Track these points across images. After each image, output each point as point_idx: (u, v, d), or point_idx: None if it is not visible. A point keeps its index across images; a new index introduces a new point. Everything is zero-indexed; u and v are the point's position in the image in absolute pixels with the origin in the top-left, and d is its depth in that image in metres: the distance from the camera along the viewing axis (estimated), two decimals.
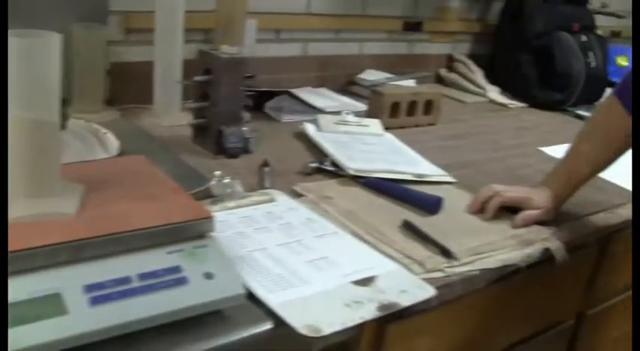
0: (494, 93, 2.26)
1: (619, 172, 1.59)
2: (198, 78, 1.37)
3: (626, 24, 3.03)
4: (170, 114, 1.53)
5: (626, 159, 1.62)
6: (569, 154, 1.34)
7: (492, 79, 2.35)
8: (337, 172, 1.33)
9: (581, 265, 1.42)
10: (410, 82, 2.01)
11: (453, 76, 2.32)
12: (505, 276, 1.15)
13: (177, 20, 1.49)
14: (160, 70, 1.51)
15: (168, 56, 1.50)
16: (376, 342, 1.00)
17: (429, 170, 1.42)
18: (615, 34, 3.16)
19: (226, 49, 1.37)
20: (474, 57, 2.41)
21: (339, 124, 1.57)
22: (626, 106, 1.26)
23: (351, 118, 1.61)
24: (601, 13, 2.82)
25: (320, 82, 1.99)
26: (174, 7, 1.48)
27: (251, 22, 1.73)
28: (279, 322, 0.83)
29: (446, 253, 1.06)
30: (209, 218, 0.82)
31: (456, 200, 1.29)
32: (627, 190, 1.56)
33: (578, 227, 1.33)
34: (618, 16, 2.87)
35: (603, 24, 2.90)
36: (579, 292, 1.49)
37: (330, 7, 1.95)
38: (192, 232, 0.81)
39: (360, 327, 0.93)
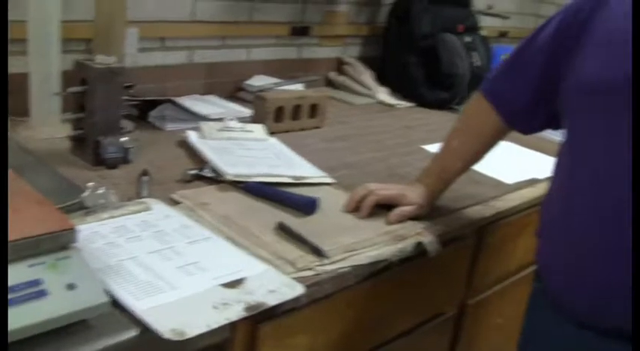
0: (383, 94, 2.32)
1: (496, 166, 1.67)
2: (72, 89, 1.36)
3: (513, 24, 3.16)
4: (48, 126, 1.51)
5: (505, 153, 1.70)
6: (442, 151, 1.40)
7: (382, 80, 2.41)
8: (216, 179, 1.34)
9: (459, 257, 1.48)
10: (299, 87, 2.04)
11: (342, 79, 2.37)
12: (379, 271, 1.19)
13: (52, 30, 1.47)
14: (37, 82, 1.49)
15: (44, 67, 1.48)
16: (249, 342, 1.02)
17: (308, 172, 1.45)
18: (502, 34, 3.28)
19: (102, 59, 1.37)
20: (363, 59, 2.47)
21: (222, 130, 1.58)
22: (491, 101, 1.32)
23: (234, 124, 1.62)
24: (487, 14, 2.94)
25: (208, 90, 1.99)
26: (48, 16, 1.46)
27: (132, 31, 1.72)
28: (146, 328, 0.84)
29: (317, 251, 1.09)
30: (70, 230, 0.82)
31: (334, 200, 1.33)
32: (504, 183, 1.63)
33: (452, 220, 1.38)
34: (503, 17, 2.99)
35: (490, 25, 3.02)
36: (459, 283, 1.55)
37: (215, 13, 1.96)
38: (53, 244, 0.81)
39: (232, 328, 0.95)
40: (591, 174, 1.10)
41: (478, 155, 1.39)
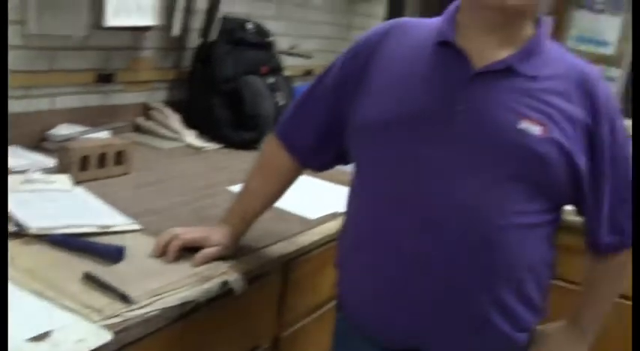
0: (190, 137, 2.38)
1: (301, 202, 1.79)
2: None
3: (317, 62, 3.34)
4: None
5: (309, 188, 1.82)
6: (242, 192, 1.49)
7: (189, 123, 2.46)
8: (21, 233, 1.34)
9: (266, 293, 1.57)
10: (105, 134, 2.05)
11: (150, 124, 2.40)
12: (188, 312, 1.25)
13: None
14: None
15: None
16: None
17: (115, 220, 1.48)
18: (308, 73, 3.44)
19: None
20: (170, 103, 2.51)
21: (25, 183, 1.57)
22: (283, 142, 1.43)
23: (37, 175, 1.62)
24: (290, 54, 3.09)
25: (11, 141, 1.96)
26: None
27: None
28: None
29: (124, 298, 1.14)
30: None
31: (141, 247, 1.37)
32: (308, 219, 1.74)
33: (257, 258, 1.47)
34: (306, 57, 3.16)
35: (295, 64, 3.18)
36: (271, 317, 1.64)
37: (16, 63, 1.94)
38: None
39: None
40: (369, 204, 1.25)
41: (277, 194, 1.50)
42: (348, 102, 1.32)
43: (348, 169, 1.37)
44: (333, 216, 1.79)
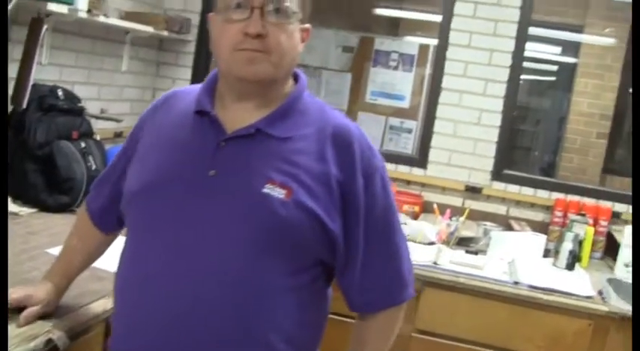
0: None
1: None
2: None
3: (126, 126, 3.44)
4: None
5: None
6: (64, 249, 1.59)
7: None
8: None
9: (90, 347, 1.66)
10: None
11: None
12: None
13: None
14: None
15: None
16: None
17: None
18: (118, 135, 3.53)
19: None
20: None
21: None
22: (86, 204, 1.56)
23: None
24: (100, 118, 3.18)
25: None
26: None
27: None
28: None
29: None
30: None
31: None
32: None
33: (79, 316, 1.59)
34: (117, 121, 3.26)
35: (106, 127, 3.27)
36: None
37: None
38: None
39: None
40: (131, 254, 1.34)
41: (94, 253, 1.61)
42: (126, 169, 1.41)
43: None
44: None
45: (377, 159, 1.33)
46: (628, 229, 2.86)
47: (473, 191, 3.45)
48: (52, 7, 2.47)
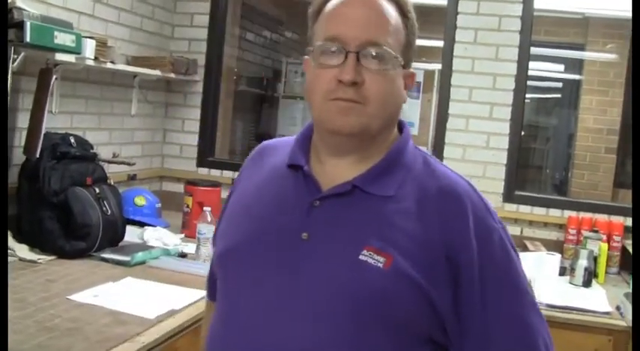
0: (22, 251, 2.45)
1: (138, 303, 1.93)
2: None
3: (140, 167, 3.49)
4: None
5: (143, 290, 1.92)
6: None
7: (20, 238, 2.53)
8: None
9: None
10: None
11: None
12: None
13: None
14: None
15: None
16: None
17: None
18: (132, 178, 3.58)
19: None
20: None
21: None
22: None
23: None
24: (112, 162, 3.23)
25: None
26: None
27: None
28: None
29: None
30: None
31: None
32: (146, 319, 1.88)
33: None
34: (129, 164, 3.30)
35: (119, 170, 3.32)
36: None
37: None
38: None
39: None
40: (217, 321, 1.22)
41: None
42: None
43: (172, 266, 1.43)
44: (171, 313, 1.95)
45: (493, 219, 1.15)
46: None
47: None
48: (60, 56, 2.53)
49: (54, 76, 2.60)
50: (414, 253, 1.07)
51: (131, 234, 2.87)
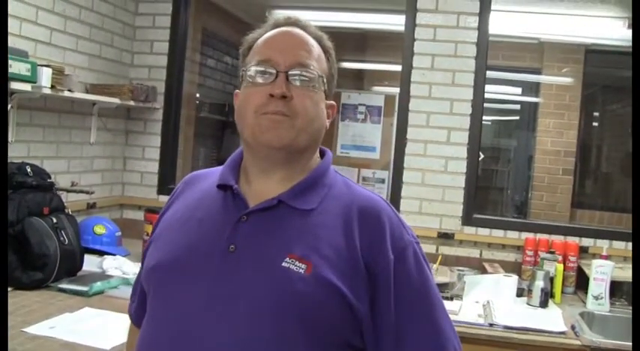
0: None
1: (91, 334, 1.91)
2: None
3: (100, 195, 3.47)
4: None
5: (96, 322, 1.88)
6: None
7: None
8: None
9: None
10: None
11: None
12: None
13: None
14: None
15: None
16: None
17: None
18: (91, 206, 3.56)
19: None
20: None
21: None
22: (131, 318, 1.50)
23: None
24: (71, 191, 3.21)
25: None
26: None
27: None
28: None
29: None
30: None
31: None
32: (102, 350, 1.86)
33: None
34: (87, 193, 3.28)
35: (78, 199, 3.30)
36: None
37: None
38: None
39: None
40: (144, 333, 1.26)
41: None
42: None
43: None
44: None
45: (408, 234, 1.25)
46: (595, 263, 2.93)
47: (445, 237, 3.51)
48: (16, 85, 2.52)
49: (9, 105, 2.59)
50: (335, 262, 1.16)
51: (90, 263, 2.85)
